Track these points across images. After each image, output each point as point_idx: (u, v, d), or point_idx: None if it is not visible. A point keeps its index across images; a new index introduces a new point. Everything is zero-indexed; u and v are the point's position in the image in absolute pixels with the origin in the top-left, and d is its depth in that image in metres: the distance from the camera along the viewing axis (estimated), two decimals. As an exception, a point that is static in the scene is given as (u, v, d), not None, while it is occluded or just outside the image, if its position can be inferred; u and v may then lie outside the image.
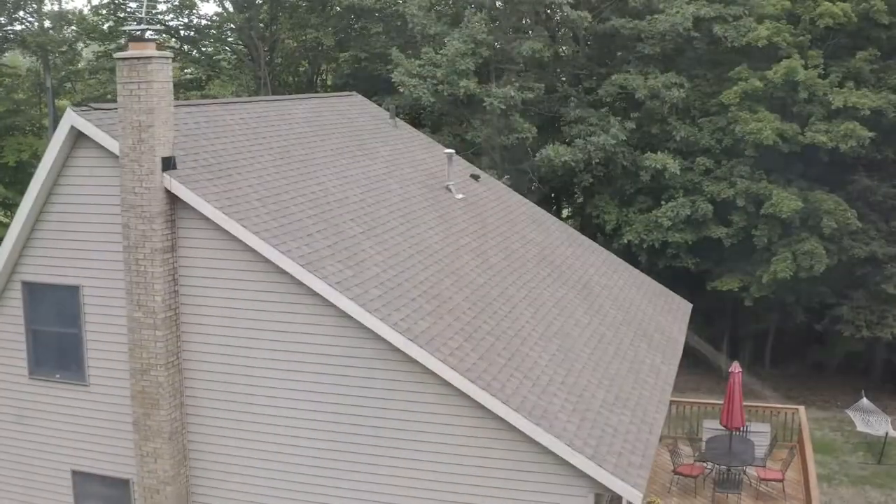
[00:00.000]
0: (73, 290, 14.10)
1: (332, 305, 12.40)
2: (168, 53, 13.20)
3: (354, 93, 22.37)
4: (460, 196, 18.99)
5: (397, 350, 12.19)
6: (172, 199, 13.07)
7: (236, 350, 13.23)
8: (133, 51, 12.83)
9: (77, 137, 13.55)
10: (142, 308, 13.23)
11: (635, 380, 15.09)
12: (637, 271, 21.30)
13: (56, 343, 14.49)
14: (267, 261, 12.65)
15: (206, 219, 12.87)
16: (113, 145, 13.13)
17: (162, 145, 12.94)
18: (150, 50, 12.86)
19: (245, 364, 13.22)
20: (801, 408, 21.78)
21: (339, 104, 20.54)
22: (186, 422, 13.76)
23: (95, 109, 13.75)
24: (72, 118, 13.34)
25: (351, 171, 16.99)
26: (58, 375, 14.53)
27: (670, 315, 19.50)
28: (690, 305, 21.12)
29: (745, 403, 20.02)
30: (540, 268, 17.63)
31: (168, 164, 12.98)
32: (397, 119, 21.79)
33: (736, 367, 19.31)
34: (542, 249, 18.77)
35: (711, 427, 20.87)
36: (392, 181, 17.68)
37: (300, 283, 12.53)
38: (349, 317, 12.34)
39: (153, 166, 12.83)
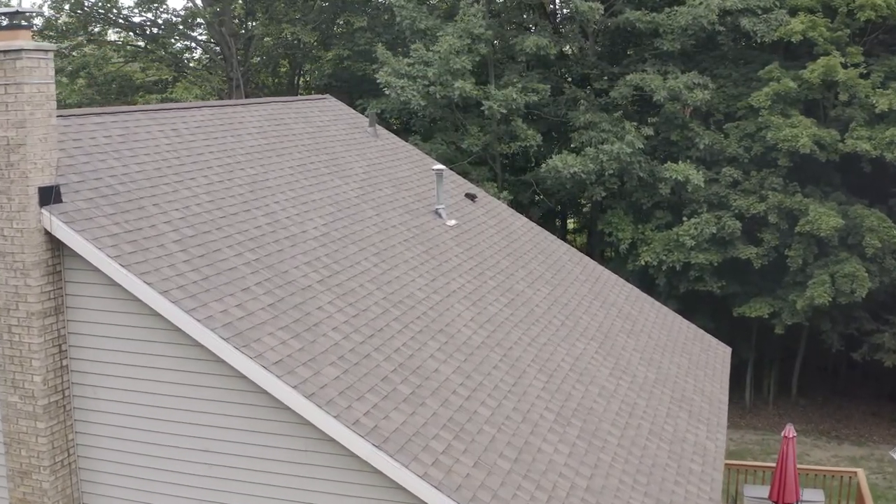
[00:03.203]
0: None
1: (267, 394, 8.92)
2: (50, 46, 9.72)
3: (328, 95, 18.88)
4: (452, 222, 15.52)
5: (358, 458, 8.70)
6: (56, 245, 9.61)
7: (148, 446, 9.74)
8: (-3, 41, 9.37)
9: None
10: (18, 391, 9.77)
11: (678, 469, 11.60)
12: (666, 309, 17.82)
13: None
14: (181, 330, 9.17)
15: (102, 271, 9.41)
16: (-22, 170, 9.67)
17: (39, 170, 9.48)
18: (22, 40, 9.39)
19: (159, 466, 9.73)
20: (860, 471, 18.32)
21: (306, 109, 17.07)
22: (84, 538, 10.27)
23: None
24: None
25: (314, 194, 13.51)
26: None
27: (709, 367, 16.01)
28: (729, 350, 17.64)
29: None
30: (551, 314, 14.15)
31: (48, 196, 9.51)
32: (378, 126, 18.32)
33: (790, 431, 15.85)
34: (552, 289, 15.27)
35: (754, 496, 17.42)
36: (367, 206, 14.21)
37: (226, 363, 9.05)
38: (291, 410, 8.86)
39: (26, 200, 9.36)
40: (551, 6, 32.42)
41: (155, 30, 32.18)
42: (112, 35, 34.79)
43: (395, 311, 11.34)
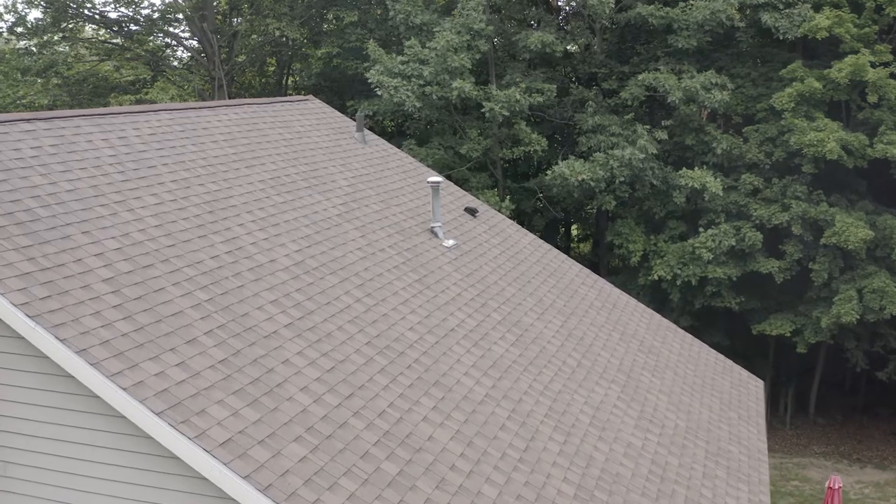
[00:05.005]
0: None
1: (210, 482, 6.93)
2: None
3: (311, 97, 16.89)
4: (450, 243, 13.55)
5: (330, 569, 6.73)
6: (-50, 287, 7.61)
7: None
8: None
9: None
10: None
11: (722, 549, 9.63)
12: (690, 337, 15.83)
13: None
14: (102, 399, 7.19)
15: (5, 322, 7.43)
16: None
17: (-73, 194, 7.50)
18: None
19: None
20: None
21: (285, 112, 15.09)
22: None
23: None
24: None
25: (287, 214, 11.52)
26: None
27: (742, 406, 14.04)
28: (762, 384, 15.69)
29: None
30: (566, 352, 12.16)
31: (-61, 225, 7.53)
32: (367, 131, 16.34)
33: (836, 482, 13.89)
34: (566, 319, 13.29)
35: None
36: (350, 226, 12.22)
37: (159, 443, 7.07)
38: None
39: None
40: (556, 1, 30.40)
41: (133, 26, 30.12)
42: (90, 31, 32.75)
43: (380, 361, 9.35)
